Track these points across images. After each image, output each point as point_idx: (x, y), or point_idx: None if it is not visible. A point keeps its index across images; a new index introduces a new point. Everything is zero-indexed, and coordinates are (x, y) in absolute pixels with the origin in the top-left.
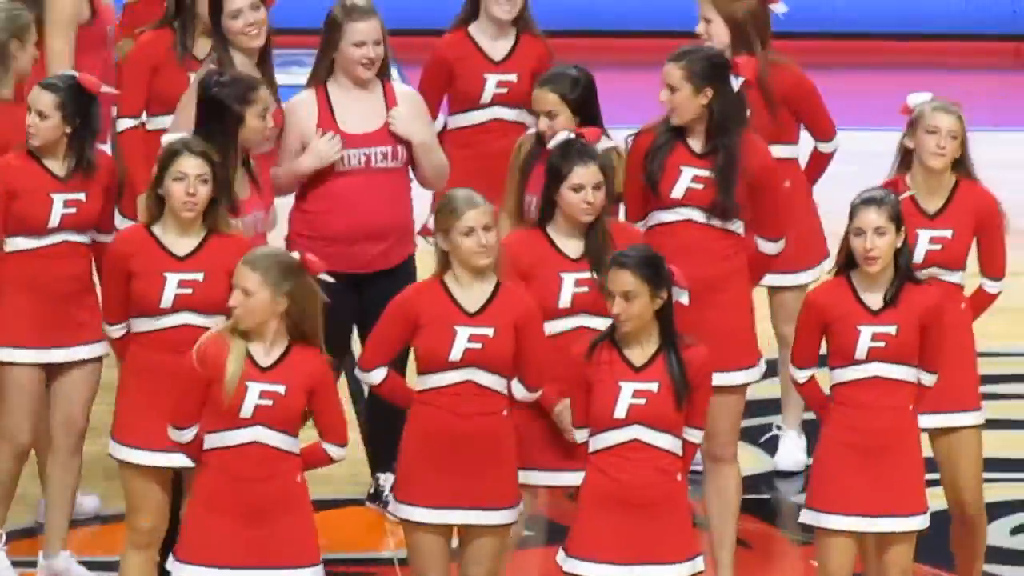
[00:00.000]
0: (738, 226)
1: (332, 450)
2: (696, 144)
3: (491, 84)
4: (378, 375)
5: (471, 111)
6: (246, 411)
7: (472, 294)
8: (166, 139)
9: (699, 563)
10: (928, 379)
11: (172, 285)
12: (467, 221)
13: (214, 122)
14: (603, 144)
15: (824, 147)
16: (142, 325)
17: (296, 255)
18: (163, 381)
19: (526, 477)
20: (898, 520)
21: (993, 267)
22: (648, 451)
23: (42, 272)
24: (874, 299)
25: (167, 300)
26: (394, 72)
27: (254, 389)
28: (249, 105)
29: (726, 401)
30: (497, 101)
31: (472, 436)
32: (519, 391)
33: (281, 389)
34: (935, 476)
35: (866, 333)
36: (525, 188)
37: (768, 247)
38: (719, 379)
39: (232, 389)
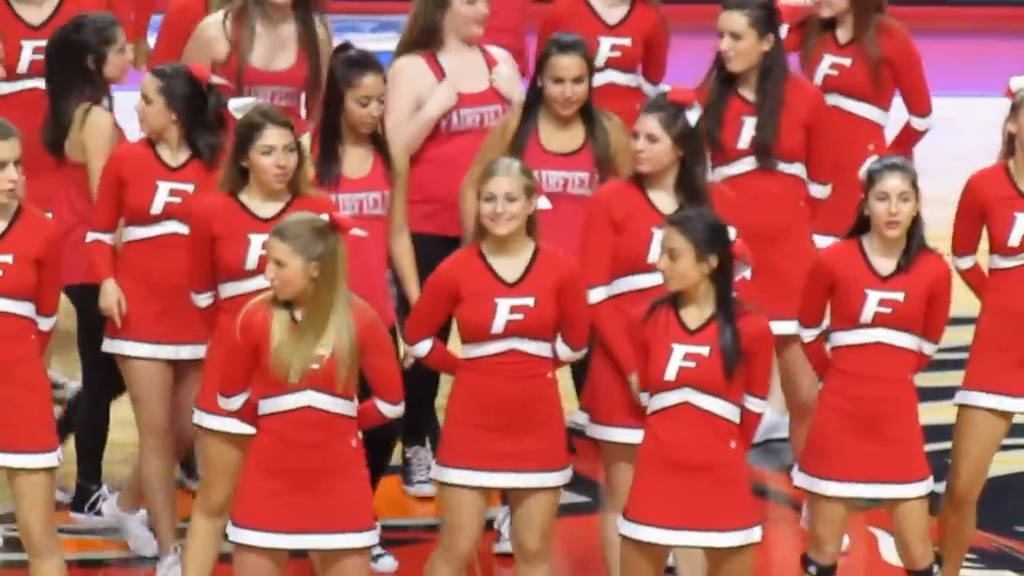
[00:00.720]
0: (797, 169)
1: (385, 408)
2: (749, 94)
3: (605, 48)
4: (424, 347)
5: None
6: (294, 376)
7: (510, 263)
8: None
9: (755, 534)
10: (929, 348)
11: (256, 247)
12: (489, 187)
13: (326, 94)
14: (694, 111)
15: (918, 123)
16: (229, 290)
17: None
18: None
19: (607, 433)
20: (896, 487)
21: None
22: (698, 414)
23: (155, 263)
24: (884, 264)
25: (251, 262)
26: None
27: None
28: (349, 87)
29: (796, 350)
30: (611, 65)
31: (518, 400)
32: (564, 352)
33: (327, 352)
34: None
35: (873, 298)
36: None
37: (817, 190)
38: (780, 328)
39: (279, 358)
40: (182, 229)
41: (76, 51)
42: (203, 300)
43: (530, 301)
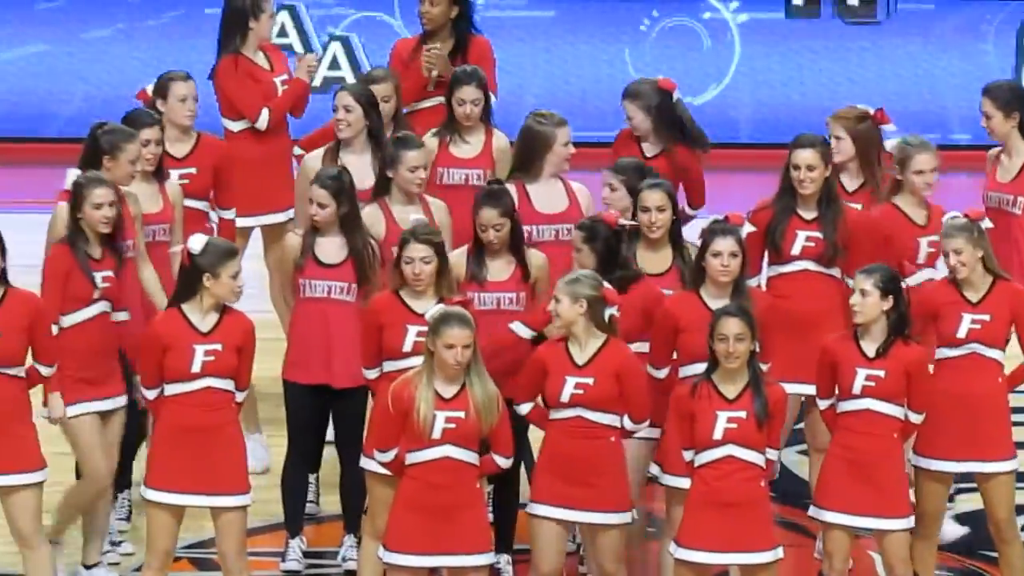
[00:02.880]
0: (836, 271)
1: (500, 460)
2: (806, 213)
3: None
4: (526, 407)
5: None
6: (436, 433)
7: (584, 348)
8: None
9: (779, 552)
10: (916, 418)
11: (412, 334)
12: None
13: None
14: (745, 228)
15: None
16: (388, 366)
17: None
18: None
19: (675, 481)
20: (882, 521)
21: None
22: (739, 464)
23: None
24: (869, 348)
25: (408, 345)
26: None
27: (440, 417)
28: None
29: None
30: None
31: (584, 456)
32: (628, 424)
33: (462, 414)
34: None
35: (861, 373)
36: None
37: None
38: (813, 390)
39: (427, 422)
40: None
41: None
42: (372, 374)
43: (590, 380)
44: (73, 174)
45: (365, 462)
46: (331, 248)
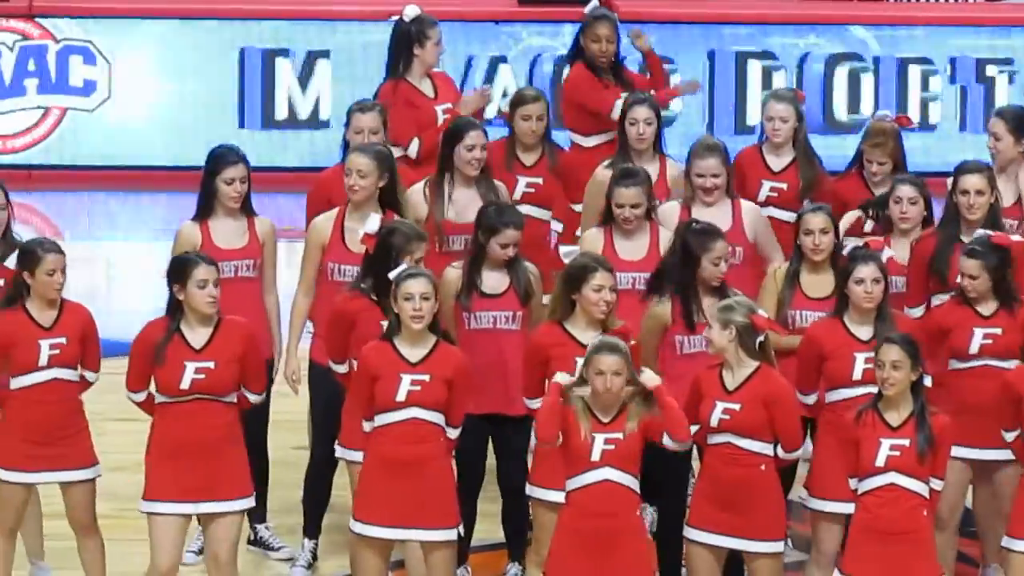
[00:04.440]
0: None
1: (782, 454)
2: (970, 239)
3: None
4: (692, 430)
5: None
6: (595, 455)
7: (735, 374)
8: (565, 251)
9: None
10: None
11: (580, 366)
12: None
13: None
14: (885, 253)
15: None
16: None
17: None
18: None
19: (822, 505)
20: None
21: None
22: (900, 492)
23: None
24: None
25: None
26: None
27: (600, 438)
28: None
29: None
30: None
31: (735, 482)
32: (780, 453)
33: (621, 435)
34: None
35: None
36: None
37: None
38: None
39: (586, 444)
40: None
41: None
42: (535, 404)
43: (737, 406)
44: (376, 220)
45: (531, 490)
46: (493, 279)
